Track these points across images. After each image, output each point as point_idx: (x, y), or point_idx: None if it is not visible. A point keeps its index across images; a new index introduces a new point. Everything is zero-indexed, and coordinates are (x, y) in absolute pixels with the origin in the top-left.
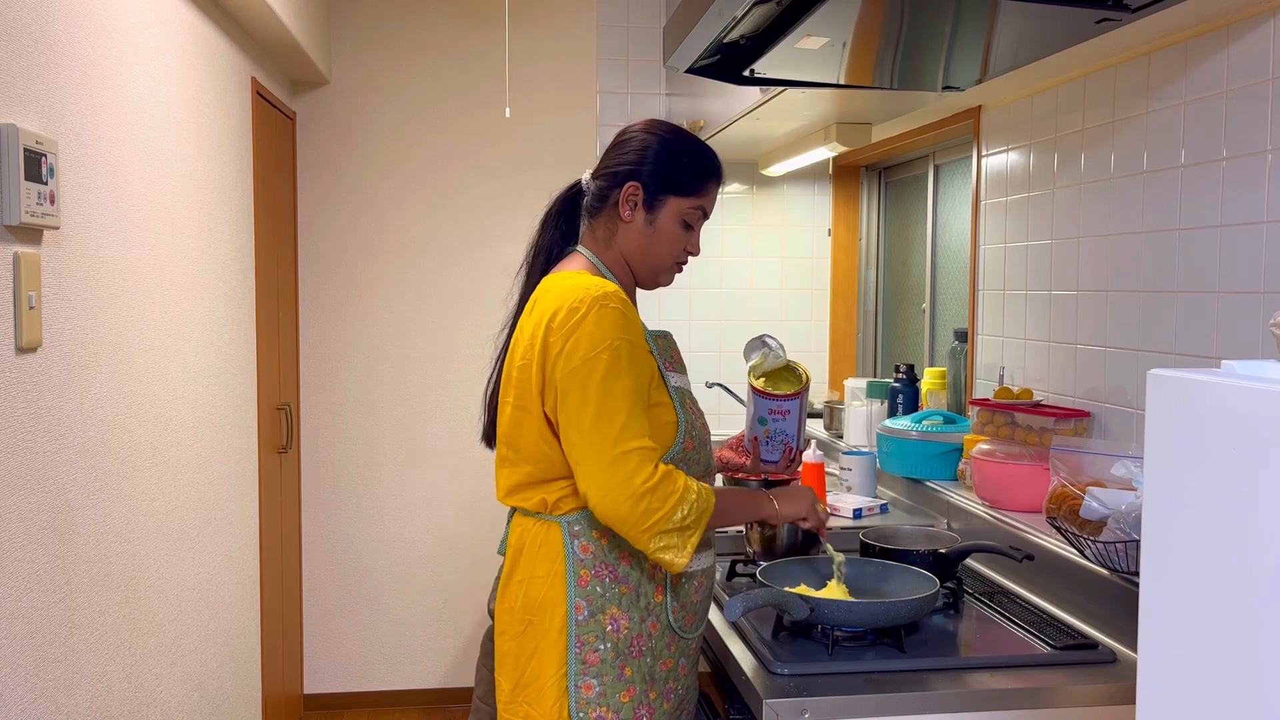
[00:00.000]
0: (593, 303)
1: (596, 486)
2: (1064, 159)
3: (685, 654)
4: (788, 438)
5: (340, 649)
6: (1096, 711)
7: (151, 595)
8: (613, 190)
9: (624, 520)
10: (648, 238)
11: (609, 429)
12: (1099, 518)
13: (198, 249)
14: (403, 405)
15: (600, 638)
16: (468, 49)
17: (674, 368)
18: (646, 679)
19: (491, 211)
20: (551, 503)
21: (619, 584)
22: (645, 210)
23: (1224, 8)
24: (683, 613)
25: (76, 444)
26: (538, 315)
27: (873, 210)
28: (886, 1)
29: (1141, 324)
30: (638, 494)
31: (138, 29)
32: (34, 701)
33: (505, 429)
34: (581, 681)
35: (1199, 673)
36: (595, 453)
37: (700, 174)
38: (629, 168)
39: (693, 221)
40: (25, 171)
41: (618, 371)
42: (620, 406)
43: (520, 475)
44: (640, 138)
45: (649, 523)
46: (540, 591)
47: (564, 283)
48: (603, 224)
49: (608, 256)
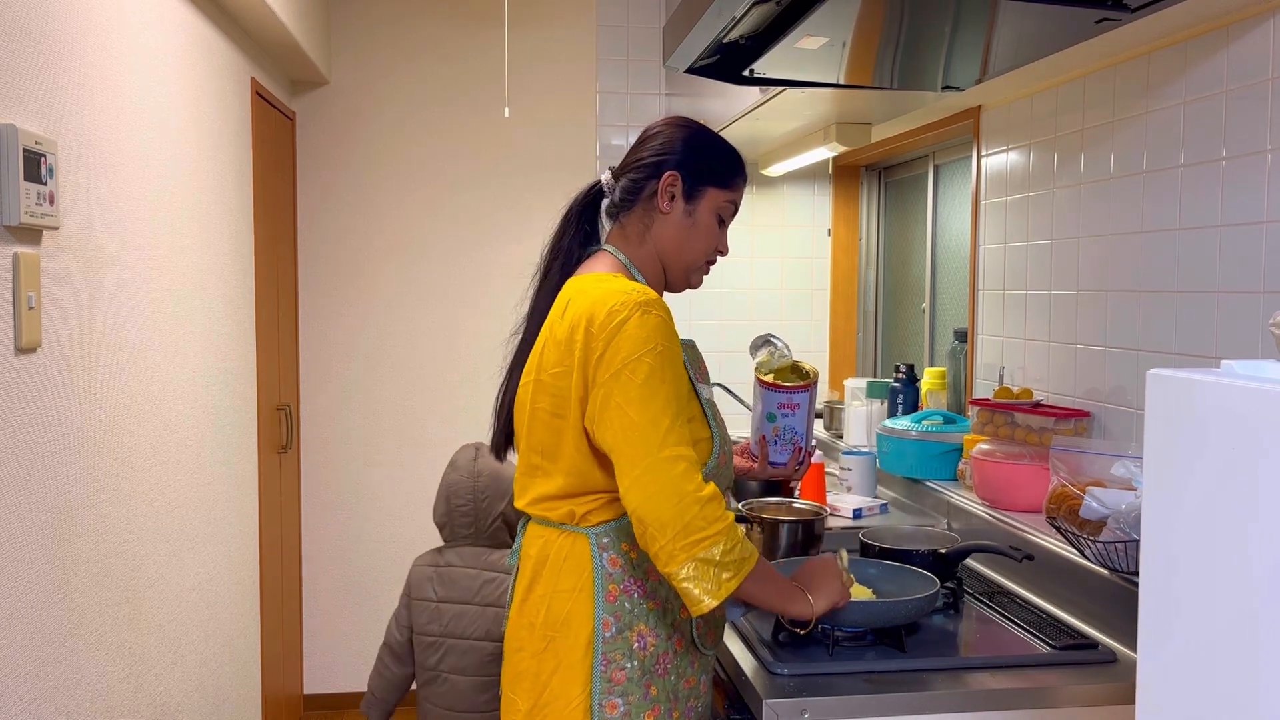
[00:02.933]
0: (635, 307)
1: (640, 488)
2: (1064, 159)
3: (706, 670)
4: (797, 436)
5: (340, 649)
6: (1096, 711)
7: (151, 595)
8: (648, 182)
9: (665, 527)
10: (685, 231)
11: (654, 431)
12: (1099, 518)
13: (197, 249)
14: (403, 405)
15: (627, 655)
16: (468, 49)
17: (702, 379)
18: (670, 698)
19: (491, 211)
20: (580, 514)
21: (648, 599)
22: (685, 201)
23: (1224, 8)
24: (706, 629)
25: (76, 444)
26: (572, 318)
27: (873, 210)
28: (886, 1)
29: (1141, 324)
30: (686, 501)
31: (137, 29)
32: (34, 701)
33: (539, 438)
34: (607, 701)
35: (1199, 673)
36: (641, 453)
37: (734, 167)
38: (666, 157)
39: (726, 217)
40: (25, 172)
41: (662, 377)
42: (665, 410)
43: (553, 487)
44: (670, 131)
45: (690, 538)
46: (565, 606)
47: (601, 285)
48: (635, 220)
49: (639, 255)
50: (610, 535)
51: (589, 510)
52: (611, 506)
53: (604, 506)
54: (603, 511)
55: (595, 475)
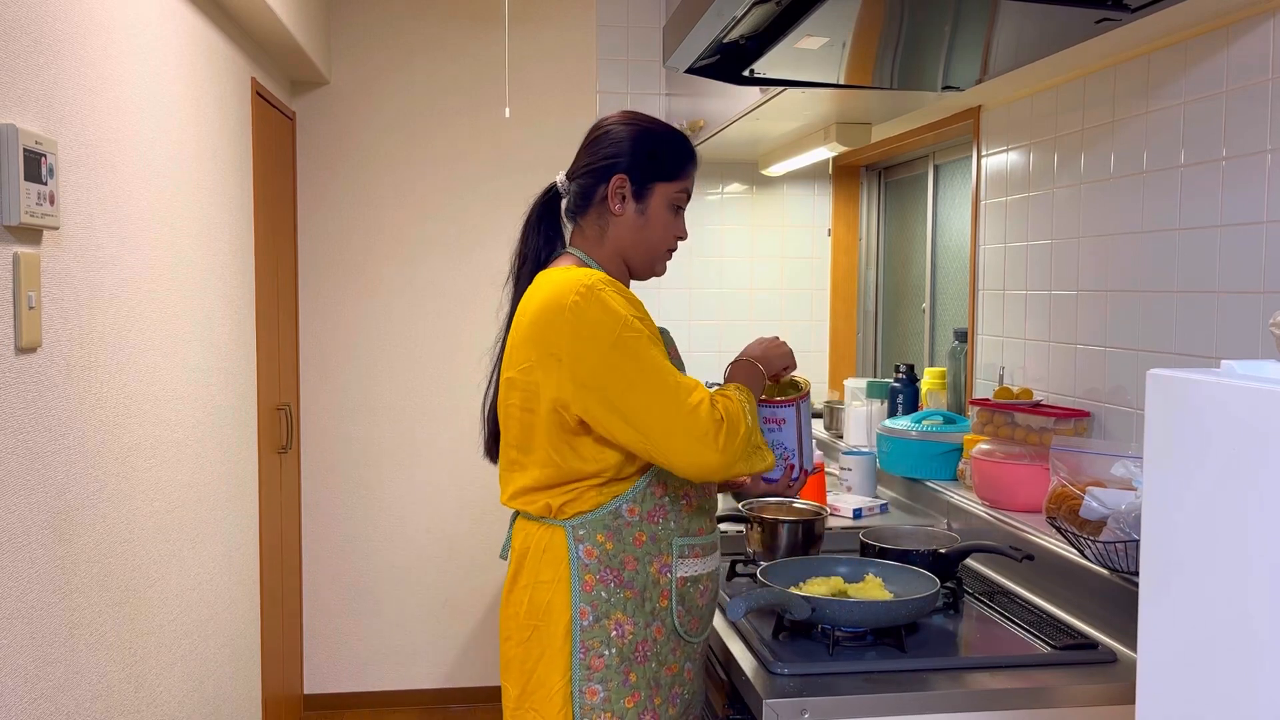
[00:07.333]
0: (585, 292)
1: (680, 455)
2: (1064, 159)
3: (691, 658)
4: (787, 452)
5: (340, 649)
6: (1096, 711)
7: (151, 595)
8: (598, 186)
9: (717, 471)
10: (640, 228)
11: (664, 398)
12: (1099, 518)
13: (197, 249)
14: (403, 405)
15: (605, 643)
16: (468, 49)
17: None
18: (652, 684)
19: (491, 212)
20: (556, 507)
21: (624, 589)
22: (635, 201)
23: (1224, 8)
24: (688, 617)
25: (76, 444)
26: (531, 315)
27: (873, 210)
28: (886, 1)
29: (1141, 324)
30: (721, 447)
31: (138, 29)
32: (34, 702)
33: (514, 433)
34: (586, 687)
35: (1199, 673)
36: (663, 427)
37: (680, 157)
38: (612, 161)
39: (681, 204)
40: (25, 172)
41: (639, 346)
42: (656, 375)
43: (528, 479)
44: (615, 130)
45: (739, 458)
46: (545, 597)
47: (551, 278)
48: (592, 222)
49: (601, 254)
50: (586, 528)
51: (564, 503)
52: (586, 499)
53: (579, 499)
54: (578, 504)
55: (568, 464)
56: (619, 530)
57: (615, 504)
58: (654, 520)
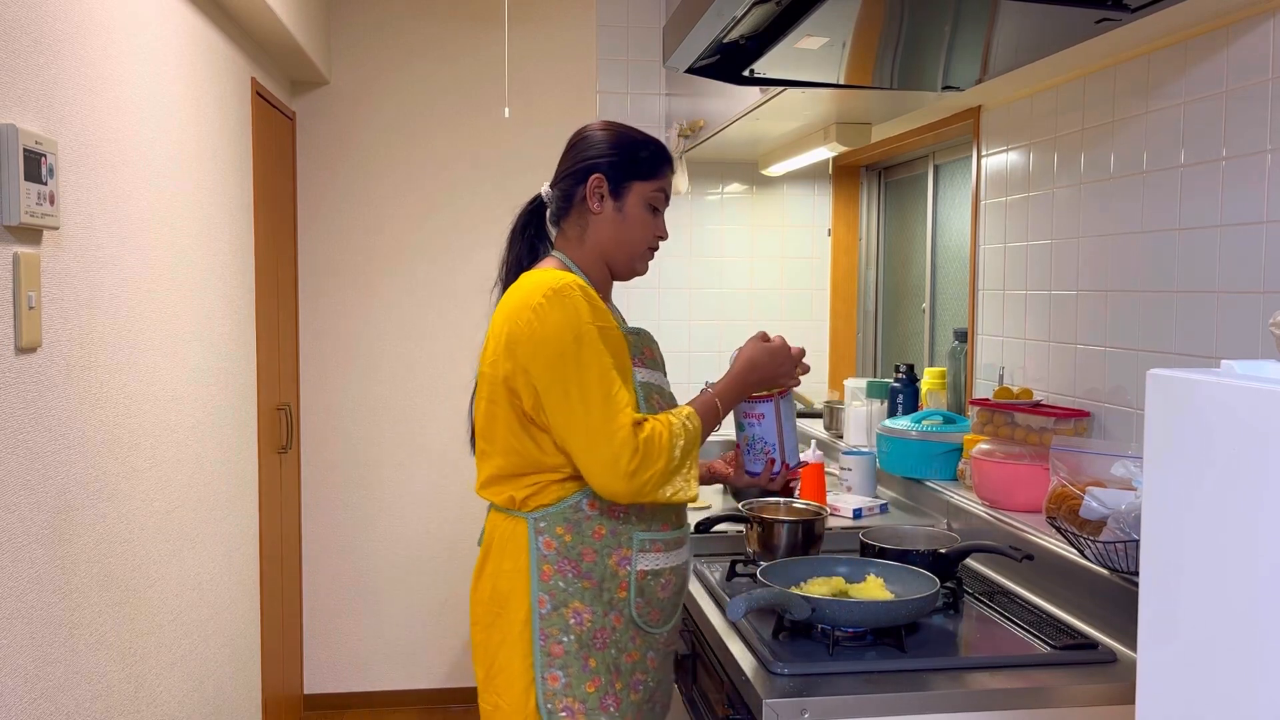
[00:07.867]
0: (551, 295)
1: (590, 475)
2: (1064, 159)
3: (653, 647)
4: (768, 446)
5: (340, 649)
6: (1096, 711)
7: (151, 595)
8: (577, 188)
9: (622, 497)
10: (619, 226)
11: (589, 418)
12: (1099, 518)
13: (197, 249)
14: (403, 405)
15: (564, 630)
16: (468, 49)
17: (645, 364)
18: (611, 670)
19: (491, 212)
20: (519, 500)
21: (582, 579)
22: (613, 199)
23: (1224, 8)
24: (648, 609)
25: (76, 444)
26: (502, 313)
27: (873, 210)
28: (886, 1)
29: (1141, 324)
30: (629, 474)
31: (138, 29)
32: (34, 702)
33: (481, 424)
34: (548, 673)
35: (1199, 673)
36: (581, 444)
37: (655, 159)
38: (590, 163)
39: (658, 205)
40: (25, 172)
41: (587, 356)
42: (595, 390)
43: (492, 468)
44: (593, 135)
45: (649, 488)
46: (507, 585)
47: (529, 279)
48: (573, 224)
49: (581, 255)
50: (547, 520)
51: (527, 496)
52: (548, 492)
53: (540, 492)
54: (539, 497)
55: (529, 454)
56: (579, 523)
57: (576, 498)
58: (614, 515)
